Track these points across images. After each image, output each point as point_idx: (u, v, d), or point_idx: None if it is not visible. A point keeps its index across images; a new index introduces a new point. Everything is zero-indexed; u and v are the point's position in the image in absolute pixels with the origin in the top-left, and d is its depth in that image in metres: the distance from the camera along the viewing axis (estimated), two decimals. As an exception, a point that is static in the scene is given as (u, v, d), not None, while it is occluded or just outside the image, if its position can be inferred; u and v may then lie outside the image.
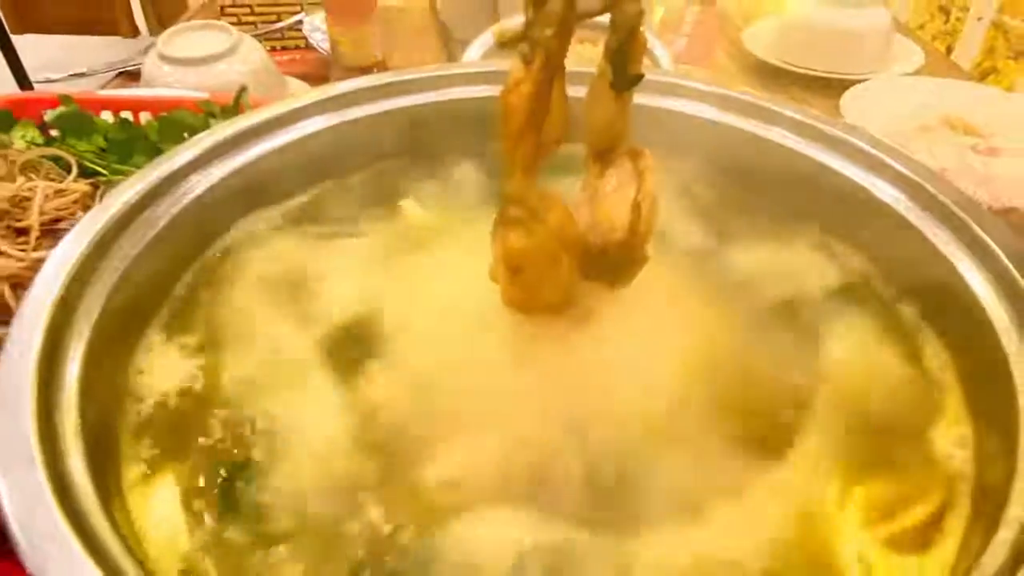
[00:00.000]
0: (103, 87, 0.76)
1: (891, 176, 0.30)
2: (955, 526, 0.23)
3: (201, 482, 0.23)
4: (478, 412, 0.24)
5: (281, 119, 0.31)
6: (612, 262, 0.24)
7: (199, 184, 0.27)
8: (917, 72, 0.78)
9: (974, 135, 0.66)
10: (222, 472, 0.23)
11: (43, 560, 0.17)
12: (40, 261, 0.25)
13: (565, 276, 0.24)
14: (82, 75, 0.81)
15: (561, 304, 0.24)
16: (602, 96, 0.25)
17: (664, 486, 0.23)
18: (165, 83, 0.62)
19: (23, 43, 2.35)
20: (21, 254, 0.32)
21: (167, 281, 0.28)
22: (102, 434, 0.23)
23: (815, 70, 0.76)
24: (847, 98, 0.70)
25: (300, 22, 0.76)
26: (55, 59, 2.86)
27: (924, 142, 0.57)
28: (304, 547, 0.21)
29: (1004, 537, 0.20)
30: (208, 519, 0.22)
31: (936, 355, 0.28)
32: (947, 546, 0.23)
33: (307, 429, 0.24)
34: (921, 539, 0.23)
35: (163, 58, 0.62)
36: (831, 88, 0.74)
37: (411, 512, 0.22)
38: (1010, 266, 0.26)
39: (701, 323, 0.27)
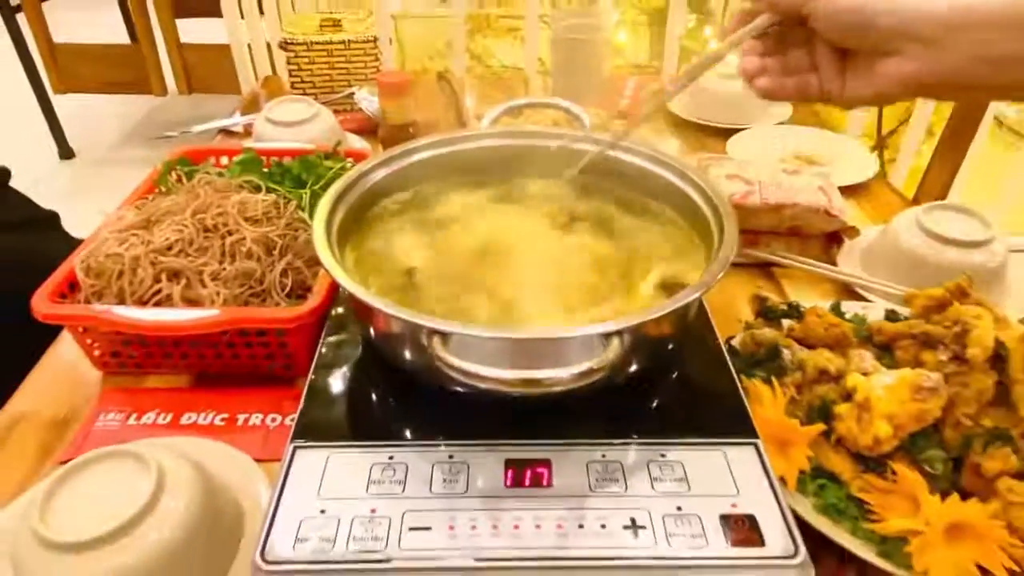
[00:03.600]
0: (212, 139, 1.06)
1: (677, 173, 0.59)
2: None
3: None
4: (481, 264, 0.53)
5: (390, 159, 0.61)
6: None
7: (363, 185, 0.57)
8: (786, 122, 1.11)
9: (812, 163, 0.98)
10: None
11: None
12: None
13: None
14: (188, 132, 1.10)
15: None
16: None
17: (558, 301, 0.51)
18: (271, 138, 0.91)
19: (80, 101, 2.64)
20: (255, 230, 0.61)
21: (359, 214, 0.57)
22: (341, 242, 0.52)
23: (713, 122, 1.09)
24: (732, 141, 1.02)
25: (352, 93, 1.07)
26: (99, 115, 3.20)
27: (776, 167, 0.88)
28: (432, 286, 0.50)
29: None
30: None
31: (686, 228, 0.57)
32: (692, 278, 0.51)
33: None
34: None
35: (269, 121, 0.92)
36: (725, 134, 1.06)
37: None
38: (713, 201, 0.55)
39: (593, 248, 0.57)
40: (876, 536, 0.45)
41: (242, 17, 1.54)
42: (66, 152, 2.89)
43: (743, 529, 0.41)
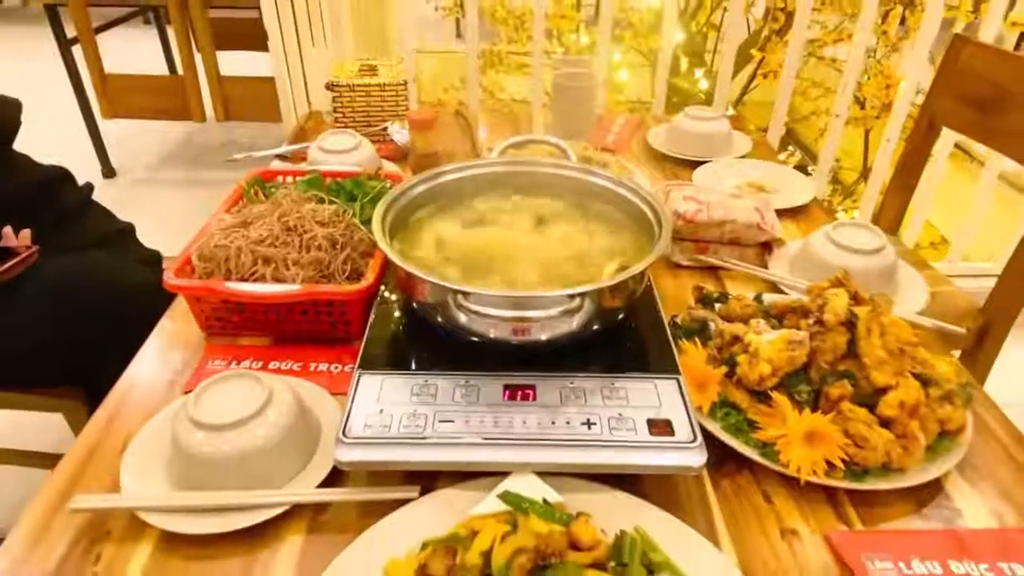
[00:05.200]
0: (269, 163, 1.28)
1: (635, 194, 0.81)
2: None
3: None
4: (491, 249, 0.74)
5: (425, 179, 0.82)
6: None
7: (406, 196, 0.78)
8: (746, 155, 1.32)
9: (762, 190, 1.19)
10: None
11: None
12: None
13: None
14: (250, 155, 1.32)
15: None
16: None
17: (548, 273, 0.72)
18: (323, 162, 1.13)
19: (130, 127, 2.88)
20: (323, 230, 0.82)
21: (403, 217, 0.77)
22: (391, 236, 0.73)
23: (683, 155, 1.30)
24: (698, 171, 1.24)
25: (386, 128, 1.30)
26: (140, 138, 3.45)
27: (724, 192, 1.09)
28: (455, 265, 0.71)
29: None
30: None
31: (638, 233, 0.78)
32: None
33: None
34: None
35: (321, 149, 1.15)
36: (693, 165, 1.28)
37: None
38: (659, 215, 0.76)
39: (567, 242, 0.78)
40: (759, 443, 0.66)
41: (286, 55, 1.78)
42: (108, 171, 3.14)
43: (661, 426, 0.61)
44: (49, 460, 1.41)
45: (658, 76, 1.90)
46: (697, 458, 0.59)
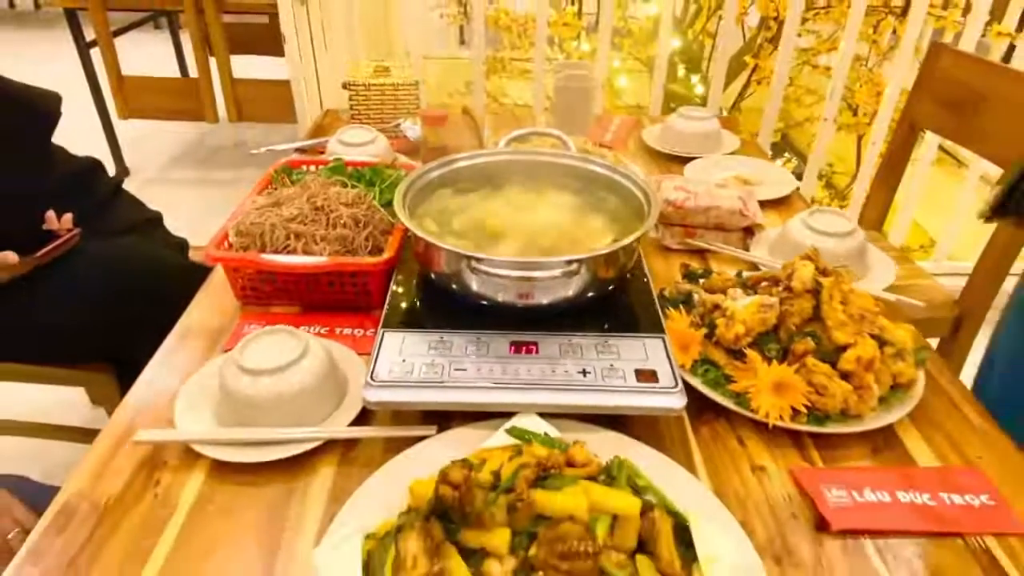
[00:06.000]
0: (289, 155, 1.37)
1: (628, 177, 0.90)
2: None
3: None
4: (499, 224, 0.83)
5: (441, 164, 0.92)
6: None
7: (423, 179, 0.87)
8: (734, 152, 1.42)
9: (748, 183, 1.28)
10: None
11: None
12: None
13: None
14: (272, 149, 1.41)
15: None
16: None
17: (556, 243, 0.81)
18: (342, 154, 1.23)
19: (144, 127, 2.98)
20: (348, 210, 0.91)
21: (421, 197, 0.86)
22: (410, 212, 0.82)
23: (676, 151, 1.40)
24: (688, 166, 1.33)
25: (399, 124, 1.40)
26: (153, 139, 3.56)
27: (710, 183, 1.18)
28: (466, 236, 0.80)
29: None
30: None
31: (631, 213, 0.88)
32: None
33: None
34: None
35: (341, 142, 1.24)
36: (685, 161, 1.37)
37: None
38: (649, 198, 0.86)
39: (567, 220, 0.87)
40: (734, 393, 0.75)
41: (300, 58, 1.88)
42: (123, 171, 3.24)
43: (648, 375, 0.71)
44: (78, 434, 1.50)
45: (655, 81, 2.00)
46: (678, 401, 0.68)
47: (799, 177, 2.41)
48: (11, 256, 1.10)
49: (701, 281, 0.91)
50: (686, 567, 0.55)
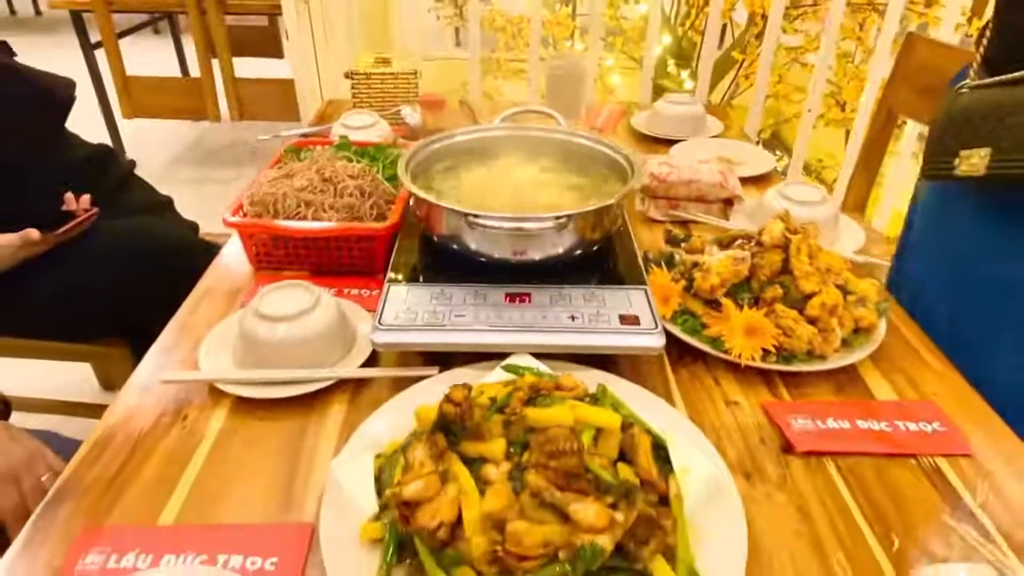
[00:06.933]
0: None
1: (613, 148, 0.97)
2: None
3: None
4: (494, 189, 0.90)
5: (441, 137, 0.99)
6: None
7: (425, 150, 0.94)
8: (718, 135, 1.49)
9: (731, 162, 1.36)
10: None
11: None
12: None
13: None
14: (278, 136, 1.48)
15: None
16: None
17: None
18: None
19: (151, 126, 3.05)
20: (354, 181, 0.98)
21: (423, 166, 0.94)
22: (413, 179, 0.89)
23: (662, 135, 1.47)
24: (674, 148, 1.41)
25: (399, 111, 1.47)
26: (155, 138, 3.62)
27: (693, 160, 1.25)
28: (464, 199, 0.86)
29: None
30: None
31: (616, 179, 0.95)
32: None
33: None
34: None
35: (344, 126, 1.31)
36: (669, 143, 1.44)
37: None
38: (632, 162, 0.93)
39: (557, 186, 0.94)
40: (710, 338, 0.82)
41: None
42: (131, 162, 3.31)
43: (631, 319, 0.77)
44: (92, 411, 1.56)
45: (644, 74, 2.08)
46: (657, 340, 0.75)
47: (786, 173, 2.49)
48: (33, 233, 1.17)
49: (683, 245, 0.98)
50: (662, 477, 0.62)
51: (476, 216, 0.78)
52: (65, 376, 1.89)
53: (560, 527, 0.53)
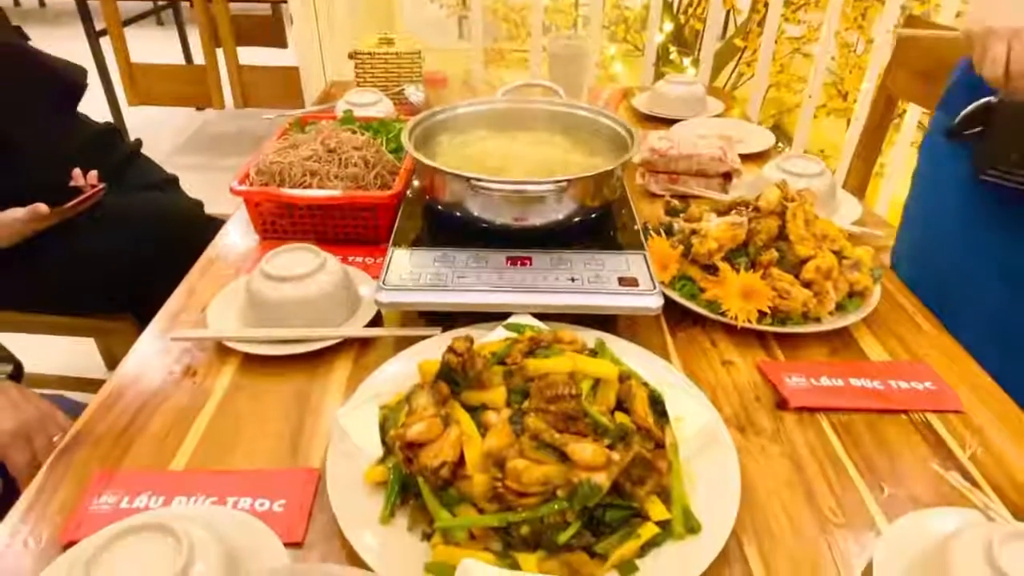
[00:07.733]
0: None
1: (613, 120, 0.98)
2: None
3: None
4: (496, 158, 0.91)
5: (445, 108, 1.00)
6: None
7: (430, 120, 0.96)
8: (719, 115, 1.51)
9: (727, 139, 1.37)
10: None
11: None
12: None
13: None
14: (283, 115, 1.50)
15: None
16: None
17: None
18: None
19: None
20: (358, 152, 1.00)
21: (427, 136, 0.95)
22: (417, 148, 0.91)
23: (663, 114, 1.49)
24: (676, 126, 1.42)
25: (403, 90, 1.48)
26: (159, 125, 3.62)
27: (693, 135, 1.27)
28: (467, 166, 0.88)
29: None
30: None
31: (616, 148, 0.96)
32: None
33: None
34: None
35: (348, 103, 1.33)
36: (669, 123, 1.46)
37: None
38: (631, 133, 0.94)
39: (558, 154, 0.95)
40: (707, 302, 0.83)
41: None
42: (137, 142, 3.33)
43: (629, 281, 0.79)
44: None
45: (646, 58, 2.09)
46: (655, 301, 0.77)
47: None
48: (42, 207, 1.18)
49: (681, 216, 0.99)
50: (658, 426, 0.63)
51: (478, 180, 0.80)
52: (70, 355, 1.91)
53: (559, 466, 0.54)
